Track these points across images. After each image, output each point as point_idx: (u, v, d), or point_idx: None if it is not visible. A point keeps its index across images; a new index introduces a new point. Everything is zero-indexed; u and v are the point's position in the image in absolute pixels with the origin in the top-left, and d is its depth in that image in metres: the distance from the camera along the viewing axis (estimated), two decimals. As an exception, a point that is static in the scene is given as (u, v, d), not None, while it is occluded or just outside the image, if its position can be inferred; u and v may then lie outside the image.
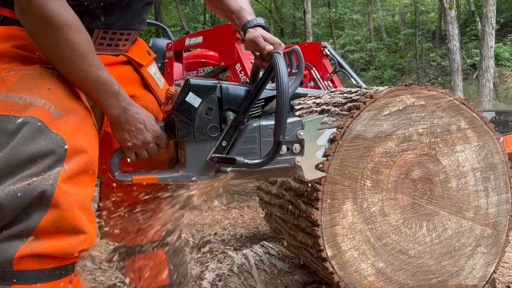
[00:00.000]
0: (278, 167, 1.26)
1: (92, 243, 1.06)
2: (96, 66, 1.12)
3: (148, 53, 1.49)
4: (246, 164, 1.19)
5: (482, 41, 10.62)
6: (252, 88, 1.25)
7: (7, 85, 1.06)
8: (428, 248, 1.50)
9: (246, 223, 4.04)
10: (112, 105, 1.16)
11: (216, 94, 1.22)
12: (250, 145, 1.23)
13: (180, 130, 1.22)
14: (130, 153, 1.24)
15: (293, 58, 1.31)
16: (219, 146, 1.22)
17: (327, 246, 1.39)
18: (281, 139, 1.15)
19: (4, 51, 1.12)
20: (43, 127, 1.01)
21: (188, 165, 1.23)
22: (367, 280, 1.44)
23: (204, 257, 3.05)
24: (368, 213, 1.43)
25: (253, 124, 1.24)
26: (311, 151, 1.30)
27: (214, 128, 1.23)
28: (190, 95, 1.20)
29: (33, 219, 0.95)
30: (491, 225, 1.58)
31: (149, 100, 1.43)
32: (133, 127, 1.20)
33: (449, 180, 1.52)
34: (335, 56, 4.34)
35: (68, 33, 1.07)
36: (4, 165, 0.96)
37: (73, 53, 1.08)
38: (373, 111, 1.41)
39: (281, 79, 1.14)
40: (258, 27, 1.35)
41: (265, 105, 1.29)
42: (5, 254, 0.94)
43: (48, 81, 1.10)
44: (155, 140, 1.24)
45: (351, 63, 19.01)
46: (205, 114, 1.21)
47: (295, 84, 1.26)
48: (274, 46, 1.29)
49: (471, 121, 1.53)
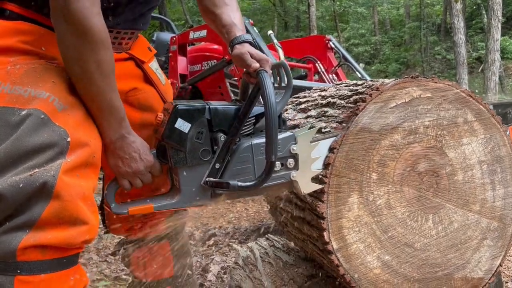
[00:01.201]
0: (274, 184, 1.25)
1: (95, 234, 1.07)
2: (112, 88, 1.13)
3: (149, 49, 1.50)
4: (240, 187, 1.18)
5: (488, 34, 10.53)
6: (241, 107, 1.23)
7: (12, 78, 1.06)
8: (434, 241, 1.50)
9: (250, 216, 4.05)
10: (113, 130, 1.16)
11: (205, 117, 1.21)
12: (244, 165, 1.22)
13: (172, 157, 1.20)
14: (123, 181, 1.24)
15: (282, 71, 1.28)
16: (212, 168, 1.21)
17: (333, 239, 1.39)
18: (273, 159, 1.13)
19: (11, 45, 1.12)
20: (46, 120, 1.02)
21: (183, 191, 1.22)
22: (373, 273, 1.44)
23: (209, 250, 3.07)
24: (374, 206, 1.42)
25: (245, 143, 1.22)
26: (305, 164, 1.29)
27: (206, 152, 1.21)
28: (179, 121, 1.18)
29: (35, 210, 0.96)
30: (497, 218, 1.57)
31: (151, 93, 1.44)
32: (127, 155, 1.20)
33: (456, 173, 1.51)
34: (340, 49, 4.32)
35: (100, 50, 1.08)
36: (7, 156, 0.97)
37: (97, 70, 1.09)
38: (379, 103, 1.41)
39: (268, 99, 1.12)
40: (245, 43, 1.34)
41: (256, 122, 1.27)
42: (9, 245, 0.94)
43: (53, 75, 1.11)
44: (148, 170, 1.24)
45: (356, 57, 18.94)
46: (196, 139, 1.20)
47: (284, 99, 1.24)
48: (260, 63, 1.26)
49: (478, 114, 1.52)
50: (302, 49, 4.44)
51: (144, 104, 1.40)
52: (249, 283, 1.92)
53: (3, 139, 0.99)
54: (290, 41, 5.14)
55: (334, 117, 1.47)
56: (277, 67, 1.29)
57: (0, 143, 0.99)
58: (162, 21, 6.98)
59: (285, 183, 1.28)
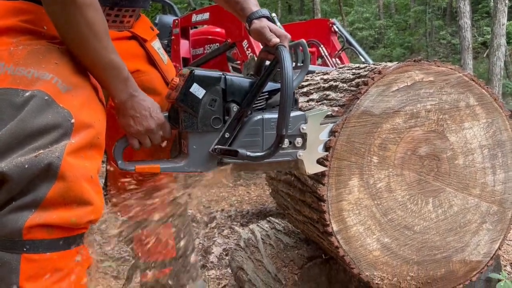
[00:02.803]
0: (280, 160, 1.27)
1: (99, 214, 1.09)
2: (110, 49, 1.13)
3: (152, 28, 1.50)
4: (248, 156, 1.19)
5: (494, 19, 10.39)
6: (256, 81, 1.24)
7: (15, 60, 1.06)
8: (433, 224, 1.51)
9: (252, 200, 4.08)
10: (120, 90, 1.17)
11: (221, 86, 1.22)
12: (253, 138, 1.24)
13: (183, 120, 1.22)
14: (133, 140, 1.25)
15: (299, 51, 1.29)
16: (221, 137, 1.23)
17: (333, 221, 1.41)
18: (284, 132, 1.15)
19: (12, 25, 1.12)
20: (50, 101, 1.03)
21: (191, 156, 1.23)
22: (372, 255, 1.46)
23: (211, 232, 3.11)
24: (374, 189, 1.43)
25: (256, 116, 1.24)
26: (313, 145, 1.30)
27: (218, 120, 1.23)
28: (194, 86, 1.20)
29: (41, 191, 0.98)
30: (497, 202, 1.58)
31: (154, 75, 1.44)
32: (138, 114, 1.20)
33: (456, 157, 1.52)
34: (344, 33, 4.28)
35: (87, 12, 1.07)
36: (12, 138, 0.98)
37: (90, 32, 1.09)
38: (381, 87, 1.41)
39: (285, 73, 1.14)
40: (263, 18, 1.34)
41: (269, 98, 1.28)
42: (15, 223, 0.97)
43: (56, 56, 1.11)
44: (158, 128, 1.24)
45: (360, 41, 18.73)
46: (208, 106, 1.21)
47: (300, 77, 1.25)
48: (280, 39, 1.27)
49: (480, 98, 1.51)
50: (306, 33, 4.40)
51: (148, 87, 1.40)
52: (250, 264, 1.95)
53: (7, 120, 1.00)
54: (294, 24, 5.10)
55: (336, 101, 1.48)
56: (295, 46, 1.30)
57: (5, 124, 1.00)
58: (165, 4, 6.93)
59: (291, 161, 1.29)
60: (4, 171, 0.95)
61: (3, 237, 0.98)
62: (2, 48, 1.08)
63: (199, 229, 3.15)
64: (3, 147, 0.98)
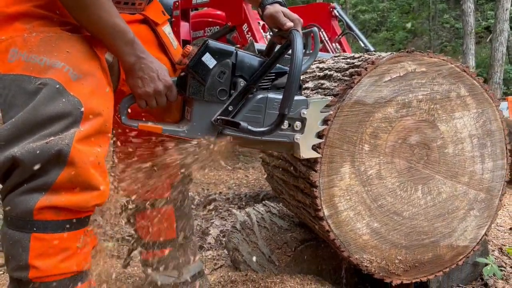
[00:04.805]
0: (277, 140, 1.31)
1: (105, 198, 1.16)
2: (113, 14, 1.16)
3: (163, 13, 1.52)
4: (249, 130, 1.24)
5: (498, 3, 10.28)
6: (266, 60, 1.29)
7: (29, 47, 1.11)
8: (422, 210, 1.56)
9: (250, 183, 4.14)
10: (127, 53, 1.20)
11: (231, 60, 1.26)
12: (255, 114, 1.28)
13: (191, 86, 1.26)
14: (140, 101, 1.29)
15: (310, 38, 1.34)
16: (225, 109, 1.27)
17: (324, 206, 1.46)
18: (286, 112, 1.19)
19: (26, 11, 1.15)
20: (62, 89, 1.09)
21: (193, 122, 1.28)
22: (362, 239, 1.52)
23: (209, 214, 3.17)
24: (365, 176, 1.48)
25: (261, 94, 1.28)
26: (310, 131, 1.35)
27: (224, 92, 1.27)
28: (206, 55, 1.24)
29: (51, 175, 1.05)
30: (485, 190, 1.63)
31: (163, 62, 1.47)
32: (146, 75, 1.24)
33: (446, 146, 1.56)
34: (344, 18, 4.27)
35: None
36: (24, 125, 1.05)
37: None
38: (374, 77, 1.44)
39: (296, 56, 1.18)
40: (276, 4, 1.38)
41: (275, 79, 1.32)
42: (27, 204, 1.05)
43: (68, 44, 1.15)
44: (165, 90, 1.27)
45: (362, 24, 18.55)
46: (217, 77, 1.26)
47: (308, 63, 1.30)
48: (294, 23, 1.31)
49: (471, 89, 1.55)
50: (306, 17, 4.39)
51: None
52: (246, 246, 2.01)
53: (20, 105, 1.07)
54: (294, 8, 5.06)
55: (330, 90, 1.51)
56: (307, 33, 1.34)
57: (18, 109, 1.06)
58: (165, -15, 6.86)
59: (287, 143, 1.34)
60: (17, 156, 1.03)
61: (15, 216, 1.07)
62: (16, 34, 1.12)
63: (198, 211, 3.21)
64: (16, 133, 1.05)
